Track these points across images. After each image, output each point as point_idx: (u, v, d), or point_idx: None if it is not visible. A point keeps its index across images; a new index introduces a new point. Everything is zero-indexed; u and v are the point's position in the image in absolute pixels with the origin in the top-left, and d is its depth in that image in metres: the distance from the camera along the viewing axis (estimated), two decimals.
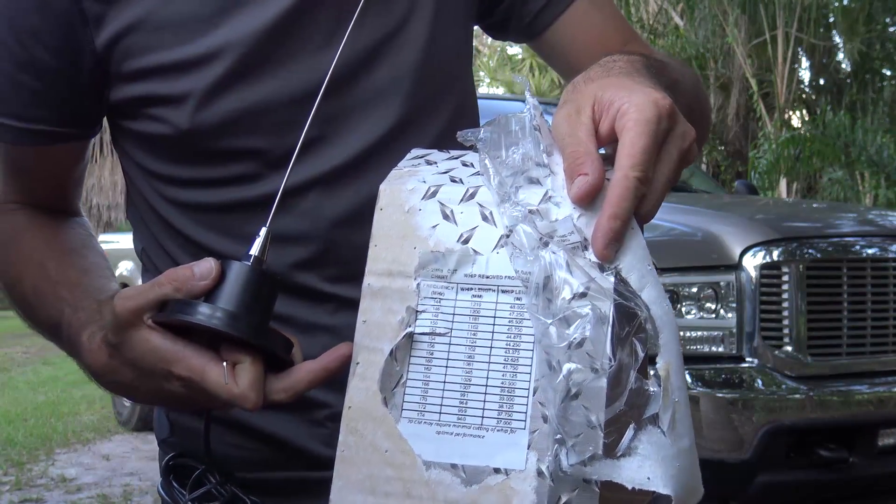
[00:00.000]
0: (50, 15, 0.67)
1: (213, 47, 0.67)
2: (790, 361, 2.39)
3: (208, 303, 0.55)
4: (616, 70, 0.57)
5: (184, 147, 0.69)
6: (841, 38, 9.60)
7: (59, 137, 0.74)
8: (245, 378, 0.55)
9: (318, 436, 0.71)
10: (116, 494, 4.15)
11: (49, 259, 0.73)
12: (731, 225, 2.57)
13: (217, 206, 0.71)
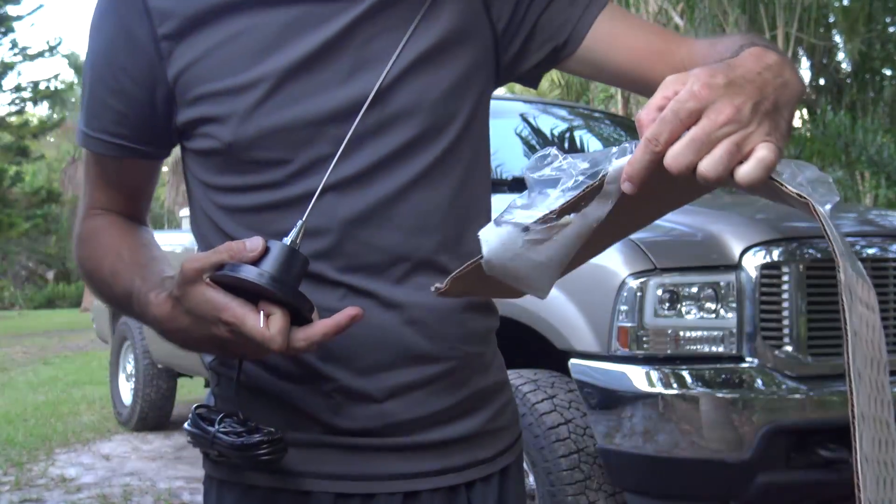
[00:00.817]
0: (138, 54, 0.86)
1: (253, 78, 0.83)
2: (790, 361, 2.39)
3: (254, 267, 0.73)
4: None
5: (227, 158, 0.86)
6: (841, 38, 9.60)
7: (136, 153, 0.92)
8: (275, 325, 0.72)
9: (327, 405, 0.87)
10: (116, 494, 4.15)
11: (123, 249, 0.91)
12: (731, 225, 2.57)
13: (251, 208, 0.87)
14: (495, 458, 0.95)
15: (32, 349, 11.81)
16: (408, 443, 0.89)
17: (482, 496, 0.93)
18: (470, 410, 0.92)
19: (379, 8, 0.86)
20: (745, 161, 0.61)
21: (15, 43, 18.58)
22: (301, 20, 0.84)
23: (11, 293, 26.62)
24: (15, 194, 19.60)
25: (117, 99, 0.88)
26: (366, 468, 0.88)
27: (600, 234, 0.72)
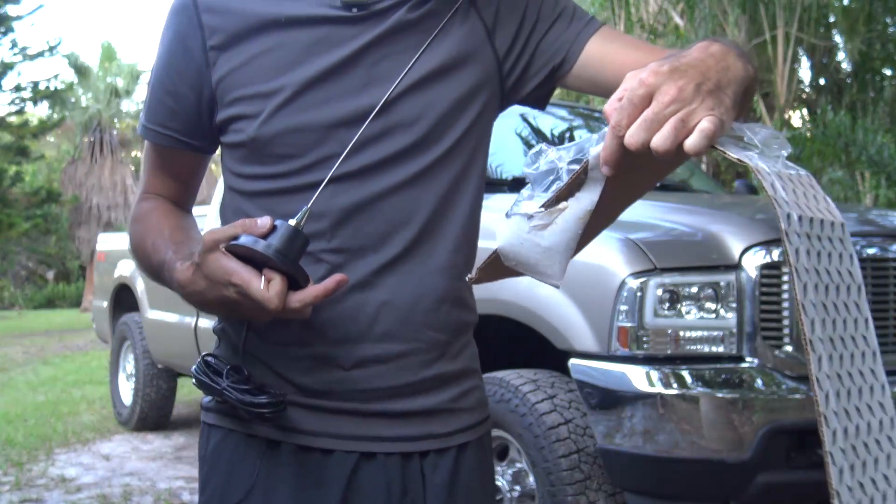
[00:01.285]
0: (190, 61, 1.04)
1: (278, 86, 1.00)
2: (790, 361, 2.39)
3: (263, 240, 0.89)
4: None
5: (251, 150, 1.03)
6: (841, 38, 9.60)
7: (184, 145, 1.09)
8: (274, 289, 0.88)
9: (299, 368, 1.02)
10: (116, 494, 4.15)
11: (165, 228, 1.07)
12: (731, 225, 2.57)
13: (266, 192, 1.03)
14: (453, 434, 1.07)
15: (32, 349, 11.81)
16: (367, 409, 1.02)
17: (434, 466, 1.05)
18: (431, 389, 1.05)
19: (390, 33, 1.02)
20: (691, 134, 0.72)
21: (15, 43, 18.57)
22: (323, 40, 1.01)
23: (11, 293, 26.61)
24: (15, 194, 19.59)
25: (171, 97, 1.06)
26: (326, 427, 1.02)
27: (598, 214, 0.82)
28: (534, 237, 0.82)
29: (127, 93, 24.53)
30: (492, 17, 1.07)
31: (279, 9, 1.02)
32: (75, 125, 23.89)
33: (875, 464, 0.75)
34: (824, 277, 0.74)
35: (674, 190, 3.95)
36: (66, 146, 27.76)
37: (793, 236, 0.71)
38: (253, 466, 1.03)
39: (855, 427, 0.73)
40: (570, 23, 1.07)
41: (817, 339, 0.71)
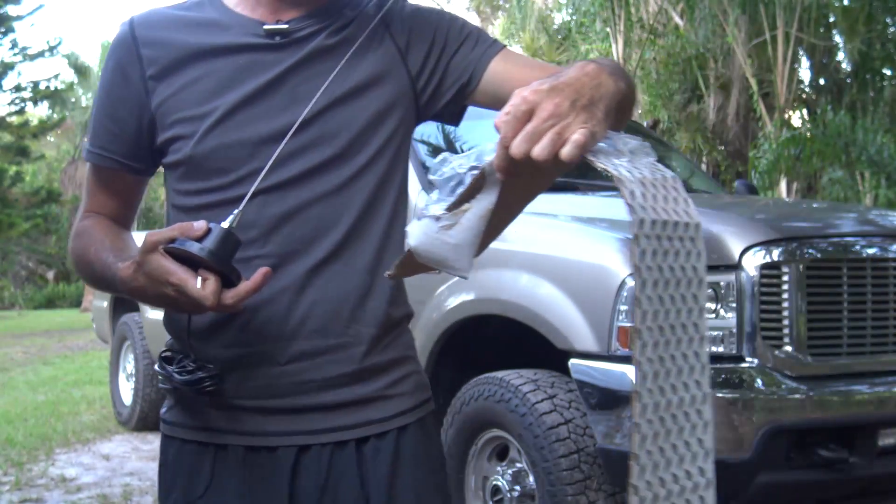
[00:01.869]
0: (132, 89, 1.15)
1: (209, 109, 1.12)
2: (790, 361, 2.39)
3: (197, 243, 0.97)
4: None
5: (188, 168, 1.14)
6: (841, 38, 9.60)
7: (125, 167, 1.19)
8: (209, 287, 0.97)
9: (237, 365, 1.12)
10: (116, 494, 4.15)
11: (107, 239, 1.17)
12: (731, 225, 2.57)
13: (203, 206, 1.12)
14: (391, 418, 1.16)
15: (32, 349, 11.81)
16: (303, 404, 1.12)
17: (375, 449, 1.14)
18: (364, 379, 1.14)
19: (310, 57, 1.13)
20: (566, 144, 0.82)
21: (15, 43, 18.56)
22: (249, 66, 1.13)
23: (11, 293, 26.61)
24: (15, 194, 19.58)
25: (114, 123, 1.17)
26: (269, 426, 1.13)
27: (498, 213, 0.93)
28: (442, 236, 0.92)
29: None
30: (404, 41, 1.19)
31: (210, 39, 1.14)
32: (75, 125, 23.88)
33: (680, 432, 0.87)
34: (666, 273, 0.85)
35: None
36: (66, 146, 27.76)
37: (642, 239, 0.81)
38: (208, 469, 1.14)
39: (667, 401, 0.85)
40: (475, 45, 1.19)
41: (645, 328, 0.83)
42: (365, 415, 1.14)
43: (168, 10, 1.19)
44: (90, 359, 10.15)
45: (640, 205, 0.81)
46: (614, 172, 0.82)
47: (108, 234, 1.18)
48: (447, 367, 3.06)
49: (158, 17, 1.18)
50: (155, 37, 1.15)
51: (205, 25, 1.15)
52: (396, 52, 1.18)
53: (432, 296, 2.98)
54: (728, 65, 10.84)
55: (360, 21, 1.17)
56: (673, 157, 4.60)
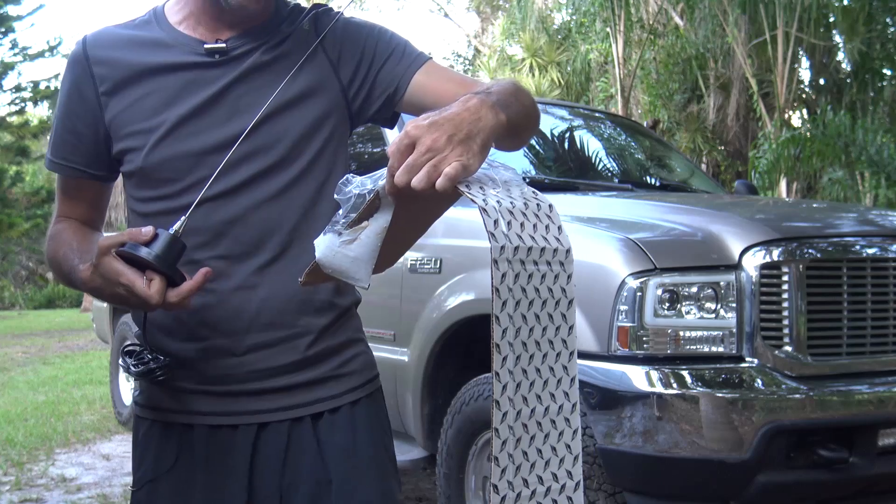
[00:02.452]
0: (86, 104, 1.26)
1: (157, 123, 1.22)
2: (790, 361, 2.39)
3: (145, 247, 1.08)
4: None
5: (140, 177, 1.25)
6: (841, 38, 9.59)
7: (86, 175, 1.30)
8: (155, 287, 1.08)
9: (201, 358, 1.23)
10: (116, 494, 4.15)
11: (74, 241, 1.28)
12: (731, 225, 2.57)
13: (155, 213, 1.23)
14: (342, 394, 1.28)
15: (32, 349, 11.80)
16: (260, 387, 1.24)
17: (330, 423, 1.27)
18: (315, 363, 1.26)
19: (248, 73, 1.24)
20: (440, 177, 0.91)
21: (15, 43, 18.54)
22: (193, 82, 1.23)
23: (11, 293, 26.60)
24: (15, 194, 19.56)
25: (72, 135, 1.28)
26: (230, 407, 1.24)
27: (398, 235, 1.03)
28: (343, 250, 1.01)
29: None
30: (336, 55, 1.28)
31: (155, 58, 1.24)
32: None
33: (546, 438, 0.96)
34: (530, 294, 0.93)
35: (674, 190, 3.95)
36: None
37: (501, 263, 0.89)
38: (175, 446, 1.26)
39: (531, 410, 0.94)
40: (401, 58, 1.29)
41: (506, 343, 0.91)
42: (318, 393, 1.26)
43: (117, 28, 1.30)
44: (90, 359, 10.15)
45: (501, 233, 0.89)
46: (480, 203, 0.90)
47: (76, 236, 1.29)
48: (447, 367, 3.06)
49: (108, 37, 1.28)
50: (105, 56, 1.25)
51: (151, 45, 1.26)
52: (329, 66, 1.28)
53: (432, 296, 2.99)
54: (728, 65, 10.84)
55: (294, 37, 1.27)
56: (673, 156, 4.60)
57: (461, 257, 2.93)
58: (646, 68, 11.42)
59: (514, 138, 1.13)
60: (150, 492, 1.27)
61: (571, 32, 14.22)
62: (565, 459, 0.98)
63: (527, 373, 0.93)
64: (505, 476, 0.94)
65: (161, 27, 1.27)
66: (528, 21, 14.86)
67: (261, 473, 1.24)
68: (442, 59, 23.57)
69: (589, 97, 13.92)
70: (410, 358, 3.10)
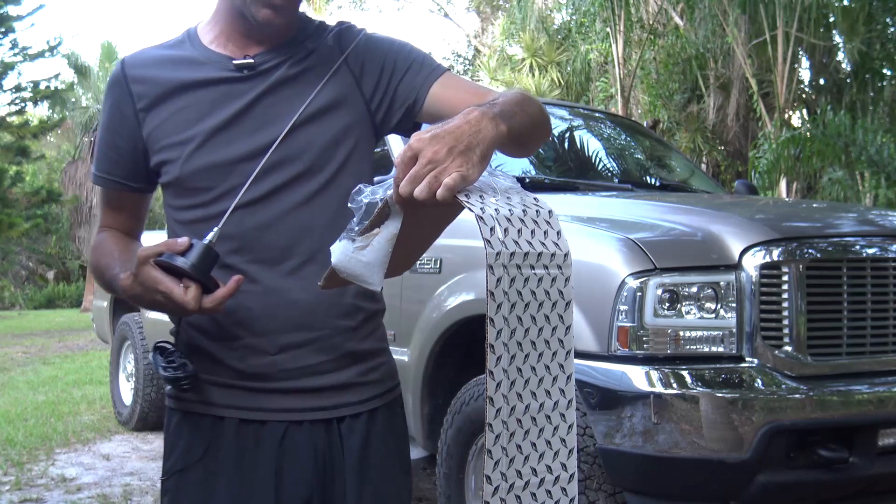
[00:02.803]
0: (126, 122, 1.35)
1: (191, 135, 1.31)
2: (790, 361, 2.39)
3: (182, 257, 1.17)
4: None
5: (177, 187, 1.33)
6: (841, 38, 9.59)
7: (127, 188, 1.40)
8: (190, 294, 1.16)
9: (235, 356, 1.31)
10: (116, 494, 4.15)
11: (116, 251, 1.37)
12: (731, 225, 2.57)
13: (191, 220, 1.32)
14: (364, 401, 1.36)
15: (32, 349, 11.80)
16: (291, 387, 1.31)
17: (350, 428, 1.34)
18: (342, 366, 1.33)
19: (275, 86, 1.31)
20: (440, 187, 0.96)
21: (15, 43, 18.52)
22: (223, 96, 1.31)
23: (11, 293, 26.60)
24: (15, 194, 19.55)
25: (113, 151, 1.37)
26: (261, 403, 1.31)
27: (409, 241, 1.09)
28: (357, 255, 1.07)
29: None
30: (359, 69, 1.35)
31: (189, 75, 1.33)
32: (75, 125, 23.83)
33: (541, 433, 1.00)
34: (526, 297, 0.97)
35: (674, 190, 3.95)
36: (66, 146, 27.73)
37: (497, 268, 0.94)
38: (205, 436, 1.33)
39: (525, 406, 0.99)
40: (419, 71, 1.35)
41: (500, 343, 0.95)
42: (343, 398, 1.34)
43: (153, 49, 1.39)
44: (90, 359, 10.15)
45: (497, 239, 0.94)
46: (476, 212, 0.95)
47: (118, 245, 1.39)
48: (447, 367, 3.06)
49: (145, 58, 1.37)
50: (142, 74, 1.34)
51: (184, 63, 1.34)
52: (352, 79, 1.35)
53: (432, 296, 2.99)
54: (728, 65, 10.83)
55: (319, 52, 1.35)
56: (673, 156, 4.60)
57: (461, 257, 2.93)
58: (646, 68, 11.42)
59: (520, 146, 1.20)
60: (179, 481, 1.33)
61: (571, 32, 14.22)
62: (560, 452, 1.03)
63: (521, 371, 0.98)
64: (498, 468, 0.97)
65: (194, 46, 1.36)
66: (528, 21, 14.86)
67: (286, 470, 1.31)
68: (442, 59, 23.56)
69: (589, 97, 13.91)
70: (410, 358, 3.11)
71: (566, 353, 1.04)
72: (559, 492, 1.02)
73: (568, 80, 14.40)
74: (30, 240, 25.58)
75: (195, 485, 1.32)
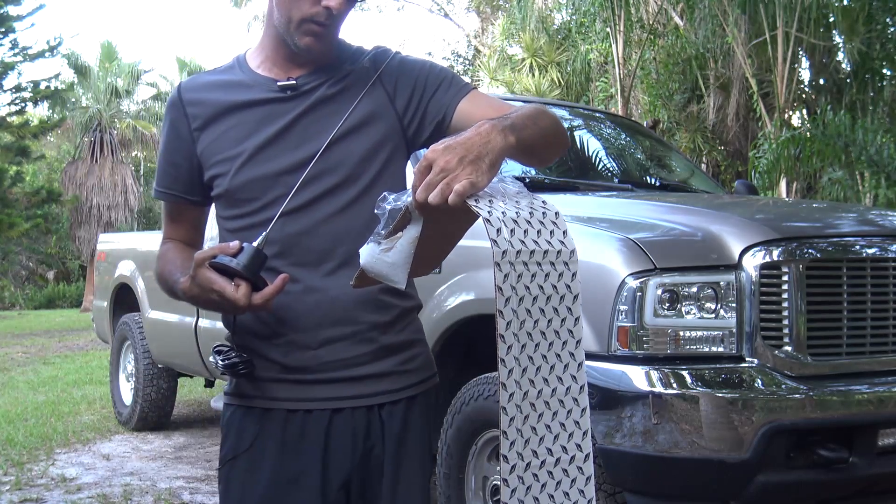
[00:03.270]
0: (182, 141, 1.51)
1: (239, 151, 1.45)
2: (790, 361, 2.39)
3: (233, 258, 1.29)
4: None
5: (227, 198, 1.47)
6: (841, 38, 9.59)
7: (185, 201, 1.56)
8: (241, 291, 1.29)
9: (280, 352, 1.44)
10: (116, 494, 4.15)
11: (178, 259, 1.52)
12: (731, 225, 2.57)
13: (242, 228, 1.45)
14: (401, 390, 1.48)
15: (32, 349, 11.80)
16: (333, 377, 1.43)
17: (389, 414, 1.47)
18: (380, 357, 1.45)
19: (315, 105, 1.45)
20: (451, 194, 1.07)
21: (15, 43, 18.51)
22: (268, 115, 1.46)
23: (11, 293, 26.59)
24: (15, 194, 19.54)
25: (172, 167, 1.53)
26: (305, 394, 1.44)
27: (432, 243, 1.19)
28: (383, 256, 1.17)
29: (127, 93, 24.46)
30: (392, 87, 1.48)
31: (238, 97, 1.47)
32: (75, 125, 23.84)
33: (555, 416, 1.09)
34: (533, 291, 1.07)
35: (674, 190, 3.95)
36: (66, 146, 27.73)
37: (504, 265, 1.04)
38: (254, 427, 1.46)
39: (538, 391, 1.07)
40: (448, 89, 1.47)
41: (510, 333, 1.05)
42: (383, 385, 1.46)
43: (206, 75, 1.56)
44: (90, 359, 10.15)
45: (504, 239, 1.05)
46: (484, 215, 1.06)
47: (179, 255, 1.53)
48: (447, 367, 3.06)
49: (199, 82, 1.53)
50: (197, 97, 1.50)
51: (234, 86, 1.49)
52: (386, 97, 1.47)
53: (432, 295, 2.99)
54: (728, 65, 10.83)
55: (356, 73, 1.48)
56: (673, 156, 4.60)
57: (461, 257, 2.93)
58: (646, 68, 11.42)
59: (533, 156, 1.30)
60: (231, 468, 1.47)
61: (571, 32, 14.21)
62: (574, 434, 1.10)
63: (532, 359, 1.07)
64: (514, 448, 1.04)
65: (242, 70, 1.51)
66: (528, 21, 14.86)
67: (331, 454, 1.43)
68: (442, 59, 23.57)
69: (589, 97, 13.91)
70: None
71: (576, 343, 1.11)
72: (575, 470, 1.10)
73: (568, 80, 14.40)
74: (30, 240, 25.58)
75: (245, 471, 1.45)
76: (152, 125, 24.65)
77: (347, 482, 1.45)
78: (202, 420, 6.18)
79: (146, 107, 25.52)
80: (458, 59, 22.25)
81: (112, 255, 6.28)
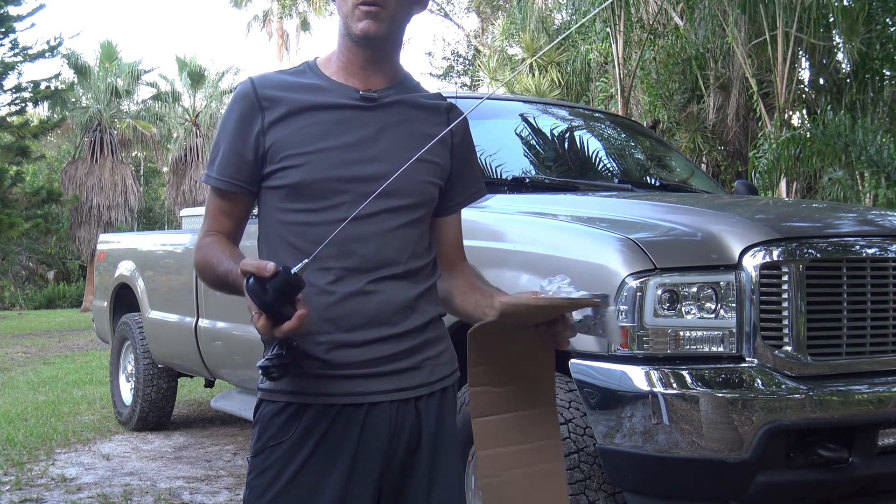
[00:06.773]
0: (252, 132, 1.54)
1: (315, 148, 1.52)
2: (790, 361, 2.39)
3: (264, 284, 1.29)
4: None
5: (292, 190, 1.53)
6: (841, 38, 9.58)
7: (241, 190, 1.58)
8: (261, 323, 1.31)
9: (322, 349, 1.50)
10: (116, 494, 4.15)
11: (227, 250, 1.55)
12: (731, 225, 2.57)
13: (301, 223, 1.53)
14: (435, 382, 1.60)
15: (32, 349, 11.80)
16: (374, 372, 1.52)
17: (426, 405, 1.58)
18: (415, 353, 1.57)
19: (396, 124, 1.56)
20: None
21: (15, 43, 18.52)
22: (347, 120, 1.54)
23: (11, 293, 26.59)
24: (15, 194, 19.55)
25: (238, 157, 1.56)
26: (347, 389, 1.51)
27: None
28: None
29: (127, 93, 24.45)
30: (458, 137, 1.64)
31: (315, 98, 1.54)
32: (75, 125, 23.83)
33: None
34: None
35: (674, 190, 3.95)
36: (66, 146, 27.72)
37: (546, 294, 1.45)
38: (293, 421, 1.51)
39: None
40: (467, 188, 1.71)
41: None
42: (418, 378, 1.56)
43: (278, 74, 1.60)
44: (90, 359, 10.15)
45: (554, 293, 1.47)
46: (541, 293, 1.46)
47: (227, 247, 1.56)
48: None
49: (273, 80, 1.58)
50: (272, 94, 1.55)
51: (310, 88, 1.56)
52: (449, 148, 1.63)
53: None
54: (728, 65, 10.82)
55: (429, 108, 1.62)
56: (673, 156, 4.60)
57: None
58: (646, 68, 11.41)
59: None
60: (265, 458, 1.52)
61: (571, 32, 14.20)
62: None
63: None
64: None
65: (317, 75, 1.58)
66: (528, 21, 14.86)
67: (365, 447, 1.51)
68: (442, 59, 23.55)
69: (589, 97, 13.91)
70: None
71: None
72: None
73: (568, 80, 14.40)
74: (30, 240, 25.59)
75: (280, 462, 1.50)
76: (152, 125, 24.66)
77: (383, 475, 1.52)
78: (202, 420, 6.19)
79: (146, 107, 25.51)
80: (458, 59, 22.26)
81: (112, 256, 6.28)
